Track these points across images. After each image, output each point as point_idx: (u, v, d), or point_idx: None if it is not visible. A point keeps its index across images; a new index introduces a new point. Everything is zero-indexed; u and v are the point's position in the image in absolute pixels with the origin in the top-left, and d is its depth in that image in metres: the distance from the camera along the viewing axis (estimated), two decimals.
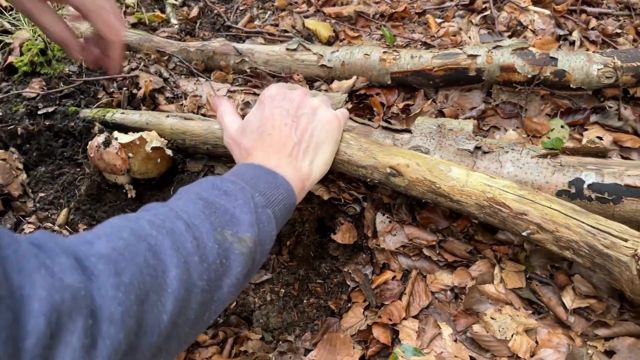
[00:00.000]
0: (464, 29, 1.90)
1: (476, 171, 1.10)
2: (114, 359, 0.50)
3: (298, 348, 1.22)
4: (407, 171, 1.12)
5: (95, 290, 0.51)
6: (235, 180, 0.85)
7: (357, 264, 1.37)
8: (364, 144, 1.17)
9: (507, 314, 1.15)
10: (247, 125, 1.08)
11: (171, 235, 0.65)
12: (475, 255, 1.26)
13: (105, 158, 1.25)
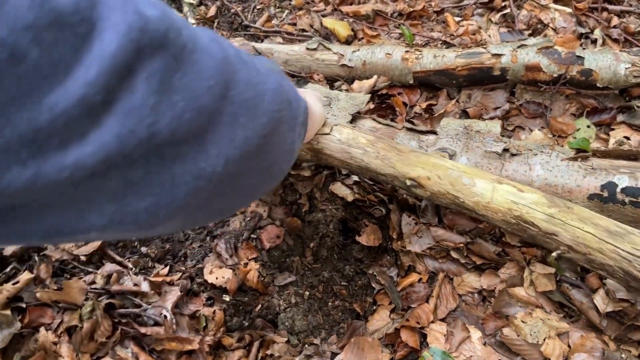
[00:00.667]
0: (483, 27, 1.88)
1: (502, 183, 1.02)
2: (189, 118, 0.42)
3: (324, 351, 1.21)
4: (428, 184, 1.05)
5: (187, 35, 0.42)
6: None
7: (382, 266, 1.35)
8: (381, 150, 1.10)
9: (538, 317, 1.13)
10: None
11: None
12: (504, 258, 1.24)
13: None
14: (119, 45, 0.35)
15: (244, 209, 1.34)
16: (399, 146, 1.11)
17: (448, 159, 1.11)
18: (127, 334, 1.12)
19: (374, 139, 1.13)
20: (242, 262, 1.27)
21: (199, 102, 0.42)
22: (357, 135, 1.13)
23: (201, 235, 1.32)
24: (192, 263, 1.27)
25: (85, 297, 1.14)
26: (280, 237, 1.31)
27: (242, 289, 1.26)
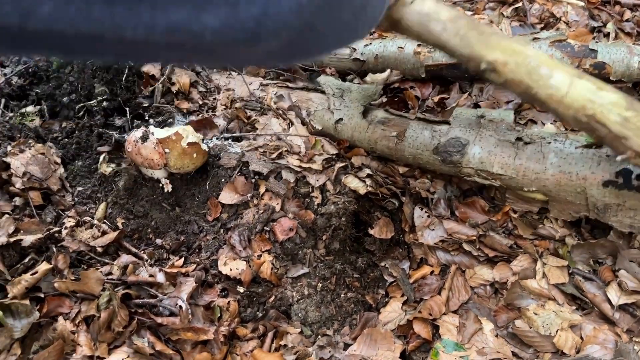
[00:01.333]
0: (495, 21, 1.87)
1: (583, 78, 0.97)
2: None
3: (337, 342, 1.22)
4: (504, 70, 1.00)
5: None
6: None
7: (394, 259, 1.36)
8: (462, 28, 1.03)
9: (551, 309, 1.13)
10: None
11: None
12: (516, 250, 1.25)
13: (142, 153, 1.25)
14: None
15: (257, 202, 1.35)
16: (482, 27, 1.04)
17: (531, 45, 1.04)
18: (144, 323, 1.13)
19: (456, 15, 1.05)
20: (255, 254, 1.28)
21: None
22: (440, 9, 1.05)
23: (215, 227, 1.33)
24: (207, 255, 1.29)
25: (102, 288, 1.16)
26: (293, 230, 1.32)
27: (256, 281, 1.27)
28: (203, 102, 1.53)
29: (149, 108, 1.49)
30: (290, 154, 1.38)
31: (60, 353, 1.07)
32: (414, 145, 1.31)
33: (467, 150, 1.24)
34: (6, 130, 1.43)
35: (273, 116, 1.49)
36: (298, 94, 1.52)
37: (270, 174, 1.36)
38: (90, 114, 1.51)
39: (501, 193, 1.30)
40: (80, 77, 1.52)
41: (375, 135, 1.36)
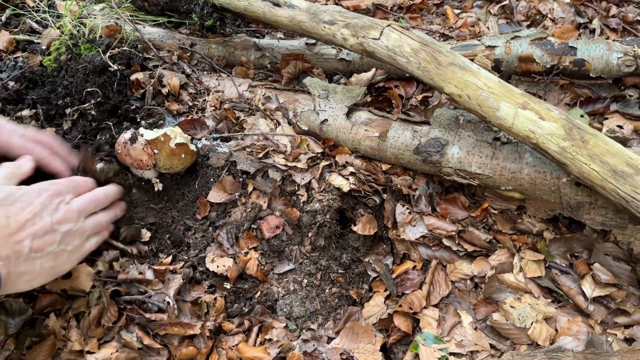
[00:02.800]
0: (482, 19, 1.90)
1: (526, 108, 1.08)
2: None
3: (321, 336, 1.26)
4: (460, 101, 1.16)
5: None
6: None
7: (377, 254, 1.39)
8: (422, 62, 1.20)
9: (527, 302, 1.16)
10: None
11: None
12: (495, 245, 1.28)
13: (132, 154, 1.29)
14: None
15: (244, 200, 1.39)
16: (440, 57, 1.19)
17: (486, 71, 1.18)
18: (132, 319, 1.18)
19: (418, 46, 1.22)
20: (242, 251, 1.32)
21: None
22: (403, 42, 1.23)
23: (204, 225, 1.37)
24: (195, 252, 1.33)
25: (92, 285, 1.20)
26: (279, 227, 1.36)
27: (243, 277, 1.31)
28: (193, 103, 1.56)
29: (141, 110, 1.53)
30: (276, 153, 1.42)
31: (52, 348, 1.11)
32: (396, 146, 1.34)
33: (447, 151, 1.27)
34: None
35: (261, 117, 1.53)
36: (285, 95, 1.55)
37: (257, 173, 1.40)
38: (84, 117, 1.56)
39: (481, 190, 1.33)
40: (74, 81, 1.57)
41: (359, 136, 1.39)
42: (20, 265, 0.97)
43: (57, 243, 1.05)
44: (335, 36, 1.34)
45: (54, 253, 1.04)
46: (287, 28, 1.47)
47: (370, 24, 1.28)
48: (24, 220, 1.00)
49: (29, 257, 0.99)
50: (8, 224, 0.98)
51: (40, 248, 1.01)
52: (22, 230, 0.99)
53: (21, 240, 0.98)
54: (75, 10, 1.72)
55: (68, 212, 1.09)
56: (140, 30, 1.69)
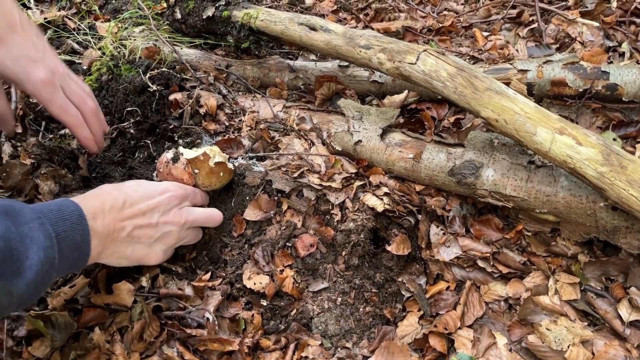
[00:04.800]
0: (511, 42, 1.92)
1: (564, 134, 1.09)
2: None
3: (356, 355, 1.28)
4: (496, 125, 1.18)
5: None
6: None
7: (411, 274, 1.41)
8: (459, 87, 1.22)
9: (563, 325, 1.17)
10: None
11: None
12: (529, 267, 1.29)
13: (173, 173, 1.33)
14: None
15: (279, 219, 1.42)
16: (476, 82, 1.22)
17: (522, 96, 1.19)
18: (173, 334, 1.21)
19: (455, 71, 1.25)
20: (278, 269, 1.35)
21: None
22: (439, 67, 1.26)
23: (240, 243, 1.40)
24: (232, 269, 1.36)
25: (134, 300, 1.23)
26: (313, 246, 1.38)
27: (278, 294, 1.34)
28: (229, 123, 1.61)
29: (179, 129, 1.58)
30: (311, 173, 1.45)
31: None
32: (430, 167, 1.36)
33: (481, 173, 1.29)
34: (45, 152, 1.53)
35: (295, 137, 1.56)
36: (319, 116, 1.59)
37: (292, 192, 1.43)
38: (123, 135, 1.61)
39: (514, 212, 1.35)
40: (114, 100, 1.62)
41: (393, 157, 1.42)
42: (114, 246, 1.08)
43: (153, 238, 1.17)
44: (372, 60, 1.38)
45: (148, 245, 1.17)
46: (323, 51, 1.51)
47: (407, 49, 1.31)
48: (138, 210, 1.12)
49: (125, 240, 1.10)
50: (122, 207, 1.09)
51: (137, 237, 1.13)
52: (131, 218, 1.10)
53: (125, 226, 1.09)
54: (116, 32, 1.78)
55: (177, 217, 1.21)
56: (178, 52, 1.74)
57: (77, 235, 0.95)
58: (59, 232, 0.91)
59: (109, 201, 1.07)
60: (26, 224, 0.86)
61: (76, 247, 0.95)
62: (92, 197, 1.08)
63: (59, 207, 0.95)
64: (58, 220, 0.92)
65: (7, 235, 0.81)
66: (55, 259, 0.88)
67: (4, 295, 0.81)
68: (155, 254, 1.20)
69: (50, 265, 0.87)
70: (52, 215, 0.92)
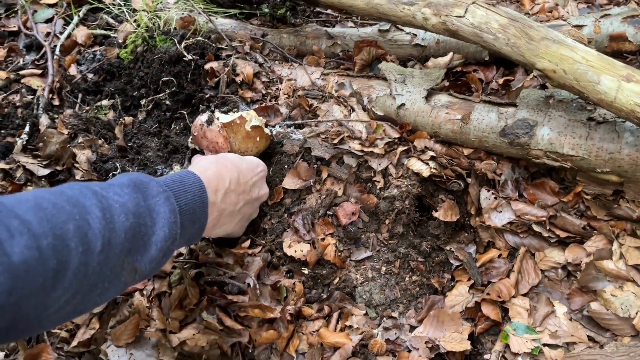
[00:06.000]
0: (560, 3, 1.82)
1: (631, 81, 1.00)
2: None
3: (403, 324, 1.21)
4: (554, 77, 1.09)
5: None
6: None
7: (459, 243, 1.34)
8: (512, 37, 1.14)
9: (630, 290, 1.08)
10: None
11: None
12: (590, 232, 1.20)
13: (208, 136, 1.29)
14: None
15: (319, 187, 1.36)
16: (531, 32, 1.13)
17: (582, 45, 1.10)
18: (213, 301, 1.17)
19: (507, 22, 1.16)
20: (319, 237, 1.29)
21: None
22: (490, 18, 1.18)
23: (279, 212, 1.35)
24: (272, 237, 1.31)
25: (173, 266, 1.20)
26: (355, 214, 1.32)
27: (320, 263, 1.28)
28: (266, 91, 1.56)
29: (215, 98, 1.54)
30: (351, 139, 1.39)
31: (136, 327, 1.11)
32: (480, 128, 1.28)
33: (536, 132, 1.21)
34: (82, 123, 1.51)
35: (334, 103, 1.50)
36: (359, 82, 1.52)
37: (332, 160, 1.37)
38: (159, 107, 1.58)
39: (571, 174, 1.26)
40: (149, 71, 1.59)
41: (439, 120, 1.34)
42: (226, 218, 1.09)
43: (250, 214, 1.23)
44: (416, 17, 1.30)
45: (245, 219, 1.22)
46: (363, 12, 1.45)
47: (454, 1, 1.24)
48: (247, 185, 1.15)
49: (235, 214, 1.12)
50: (238, 182, 1.11)
51: (243, 211, 1.16)
52: (243, 193, 1.13)
53: (239, 201, 1.11)
54: (151, 4, 1.75)
55: (266, 194, 1.27)
56: (213, 22, 1.70)
57: (197, 208, 0.93)
58: (182, 205, 0.88)
59: (227, 175, 1.07)
60: (153, 198, 0.83)
61: (195, 220, 0.93)
62: (211, 169, 1.06)
63: (181, 179, 0.93)
64: (181, 192, 0.89)
65: (138, 211, 0.78)
66: (177, 234, 0.85)
67: (130, 272, 0.77)
68: (244, 228, 1.24)
69: (172, 241, 0.84)
70: (175, 187, 0.89)
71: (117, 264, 0.73)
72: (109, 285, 0.73)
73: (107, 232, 0.71)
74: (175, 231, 0.84)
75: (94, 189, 0.75)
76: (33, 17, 1.89)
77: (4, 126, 1.53)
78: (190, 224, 0.90)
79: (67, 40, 1.79)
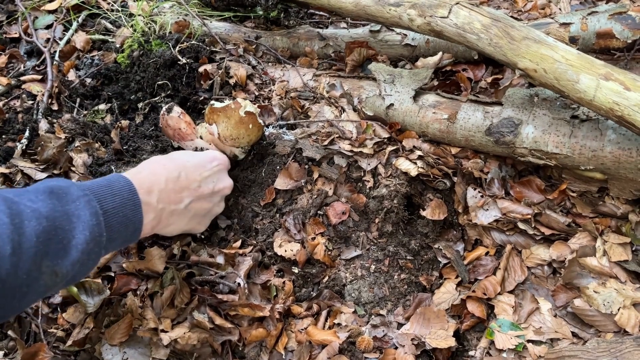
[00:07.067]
0: (553, 0, 1.82)
1: (610, 79, 1.01)
2: None
3: (391, 322, 1.23)
4: (535, 76, 1.10)
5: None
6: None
7: (448, 241, 1.35)
8: (494, 37, 1.15)
9: (613, 287, 1.09)
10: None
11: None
12: (574, 229, 1.21)
13: (170, 124, 1.31)
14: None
15: (310, 187, 1.39)
16: (513, 32, 1.15)
17: (563, 44, 1.11)
18: (204, 300, 1.19)
19: (489, 22, 1.18)
20: (309, 237, 1.32)
21: None
22: (473, 19, 1.19)
23: (271, 212, 1.38)
24: (263, 238, 1.33)
25: (165, 266, 1.23)
26: (345, 213, 1.35)
27: (310, 262, 1.31)
28: (259, 93, 1.58)
29: (209, 100, 1.56)
30: (342, 140, 1.41)
31: (129, 326, 1.14)
32: (466, 127, 1.30)
33: (521, 130, 1.22)
34: (79, 127, 1.54)
35: (325, 104, 1.52)
36: (350, 82, 1.54)
37: (323, 160, 1.39)
38: (155, 110, 1.61)
39: (557, 172, 1.27)
40: (145, 75, 1.62)
41: (427, 119, 1.36)
42: (171, 218, 1.07)
43: (208, 209, 1.18)
44: (402, 18, 1.32)
45: (202, 216, 1.17)
46: (352, 14, 1.46)
47: (438, 2, 1.25)
48: (194, 181, 1.11)
49: (182, 213, 1.10)
50: (178, 179, 1.08)
51: (194, 208, 1.12)
52: (187, 190, 1.09)
53: (182, 199, 1.08)
54: (147, 9, 1.78)
55: (226, 187, 1.22)
56: (207, 25, 1.73)
57: (128, 211, 0.93)
58: (108, 208, 0.89)
59: (163, 174, 1.06)
60: (72, 202, 0.84)
61: (128, 223, 0.94)
62: (145, 170, 1.06)
63: (108, 183, 0.93)
64: (107, 196, 0.90)
65: (52, 215, 0.80)
66: (102, 236, 0.86)
67: (50, 275, 0.79)
68: (204, 223, 1.21)
69: (96, 244, 0.85)
70: (101, 191, 0.90)
71: (33, 268, 0.75)
72: (27, 289, 0.76)
73: (16, 236, 0.73)
74: (98, 234, 0.85)
75: (5, 196, 0.78)
76: (34, 23, 1.93)
77: (5, 131, 1.56)
78: (121, 227, 0.92)
79: (67, 45, 1.83)
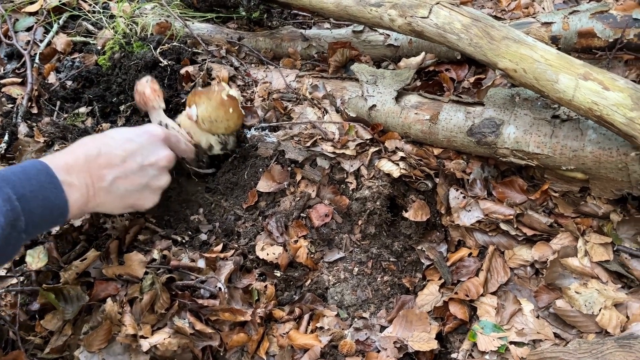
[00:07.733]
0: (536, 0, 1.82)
1: (588, 79, 1.01)
2: None
3: (374, 325, 1.22)
4: (515, 76, 1.10)
5: None
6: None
7: (431, 242, 1.35)
8: (474, 37, 1.15)
9: (594, 288, 1.09)
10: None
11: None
12: (557, 229, 1.20)
13: (138, 89, 1.31)
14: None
15: (293, 190, 1.37)
16: (493, 32, 1.14)
17: (543, 44, 1.11)
18: (184, 306, 1.18)
19: (469, 22, 1.17)
20: (292, 240, 1.30)
21: None
22: (453, 19, 1.19)
23: (253, 215, 1.37)
24: (245, 241, 1.32)
25: (145, 272, 1.21)
26: (328, 216, 1.34)
27: (293, 265, 1.30)
28: (242, 94, 1.57)
29: None
30: (324, 141, 1.40)
31: (108, 333, 1.13)
32: (448, 128, 1.29)
33: (502, 131, 1.21)
34: (59, 131, 1.52)
35: (308, 106, 1.51)
36: (333, 84, 1.53)
37: (305, 162, 1.38)
38: (137, 112, 1.59)
39: (540, 172, 1.26)
40: (127, 77, 1.60)
41: (409, 120, 1.35)
42: (100, 196, 1.04)
43: (141, 184, 1.12)
44: (383, 18, 1.31)
45: (138, 191, 1.12)
46: (334, 14, 1.45)
47: (419, 2, 1.24)
48: (115, 156, 1.07)
49: (109, 189, 1.05)
50: (97, 156, 1.04)
51: (123, 184, 1.08)
52: (110, 167, 1.05)
53: (104, 175, 1.04)
54: (128, 11, 1.76)
55: (161, 158, 1.15)
56: (190, 26, 1.71)
57: (48, 193, 0.92)
58: (24, 193, 0.88)
59: (82, 152, 1.03)
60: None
61: (50, 206, 0.93)
62: (65, 151, 1.05)
63: (22, 169, 0.93)
64: (22, 181, 0.90)
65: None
66: (19, 220, 0.86)
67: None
68: (149, 198, 1.15)
69: (13, 228, 0.85)
70: (14, 177, 0.89)
71: None
72: None
73: None
74: (13, 218, 0.85)
75: None
76: (14, 25, 1.91)
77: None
78: (44, 210, 0.91)
79: (47, 48, 1.80)
